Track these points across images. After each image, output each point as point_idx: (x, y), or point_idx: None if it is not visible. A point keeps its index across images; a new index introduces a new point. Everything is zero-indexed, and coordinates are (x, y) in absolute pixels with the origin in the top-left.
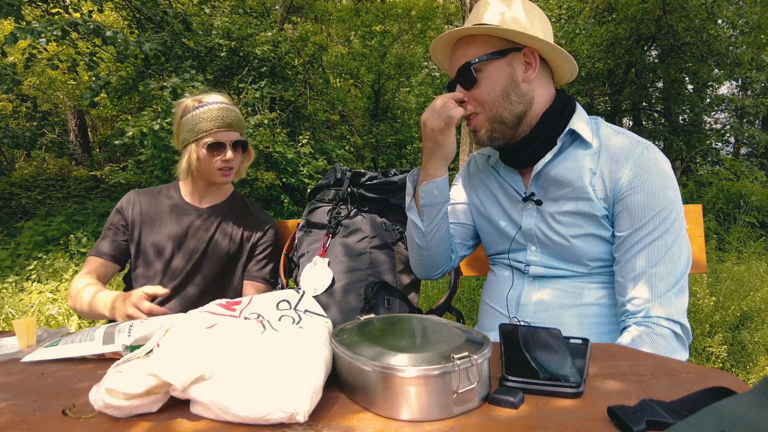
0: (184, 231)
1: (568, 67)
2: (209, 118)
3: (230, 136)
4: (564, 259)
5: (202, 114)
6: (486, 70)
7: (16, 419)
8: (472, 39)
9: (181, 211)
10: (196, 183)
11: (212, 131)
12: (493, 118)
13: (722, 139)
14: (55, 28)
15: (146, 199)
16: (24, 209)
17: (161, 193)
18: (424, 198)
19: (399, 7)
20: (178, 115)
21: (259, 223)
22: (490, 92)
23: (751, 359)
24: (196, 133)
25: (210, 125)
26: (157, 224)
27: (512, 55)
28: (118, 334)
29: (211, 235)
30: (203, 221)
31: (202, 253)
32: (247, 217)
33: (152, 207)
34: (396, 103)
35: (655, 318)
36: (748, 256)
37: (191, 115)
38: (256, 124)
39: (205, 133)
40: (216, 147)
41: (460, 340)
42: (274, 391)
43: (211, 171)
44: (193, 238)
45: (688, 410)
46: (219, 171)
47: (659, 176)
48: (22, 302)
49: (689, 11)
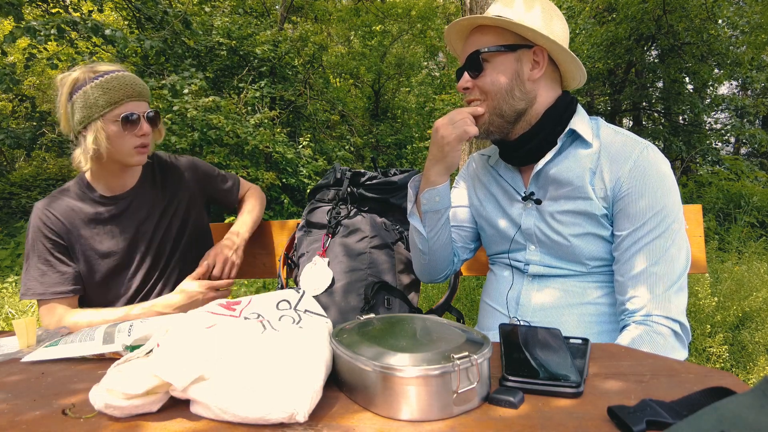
0: (120, 228)
1: (577, 72)
2: (116, 87)
3: (142, 107)
4: (563, 258)
5: (104, 84)
6: (494, 61)
7: (16, 419)
8: (486, 29)
9: (103, 208)
10: (105, 169)
11: (123, 102)
12: (493, 110)
13: (722, 139)
14: (52, 27)
15: (60, 210)
16: (24, 209)
17: (68, 196)
18: (426, 205)
19: (399, 7)
20: (65, 92)
21: (182, 171)
22: (494, 83)
23: (751, 359)
24: (100, 107)
25: (119, 95)
26: (88, 235)
27: (522, 51)
28: (118, 334)
29: (149, 217)
30: (134, 208)
31: (151, 238)
32: (168, 174)
33: (69, 216)
34: (396, 103)
35: (654, 317)
36: (748, 257)
37: (88, 88)
38: (256, 124)
39: (113, 105)
40: (130, 120)
41: (460, 340)
42: (274, 391)
43: (124, 150)
44: (134, 230)
45: (688, 410)
46: (135, 149)
47: (659, 176)
48: (22, 302)
49: (689, 11)
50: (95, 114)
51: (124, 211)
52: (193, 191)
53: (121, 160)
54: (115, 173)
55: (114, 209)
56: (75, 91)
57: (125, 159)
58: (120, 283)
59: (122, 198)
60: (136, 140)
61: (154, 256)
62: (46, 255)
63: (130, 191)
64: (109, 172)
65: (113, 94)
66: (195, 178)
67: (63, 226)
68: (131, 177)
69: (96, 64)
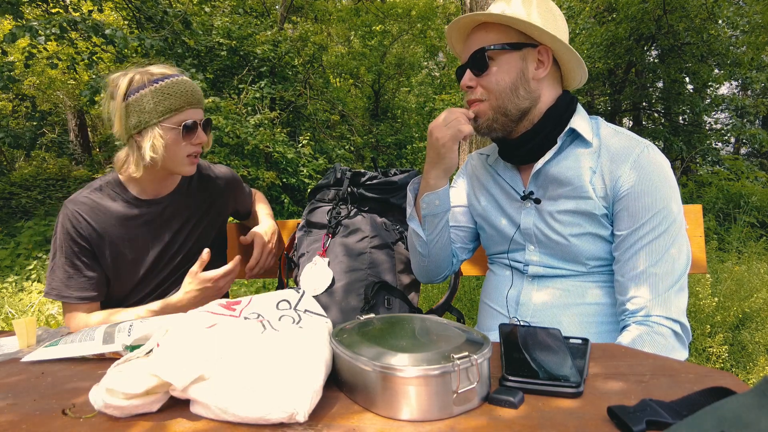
0: (153, 234)
1: (579, 72)
2: (176, 93)
3: (200, 114)
4: (563, 258)
5: (165, 90)
6: (499, 60)
7: (16, 419)
8: (490, 27)
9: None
10: (152, 175)
11: (183, 109)
12: (497, 108)
13: (722, 139)
14: (53, 26)
15: (91, 212)
16: (24, 209)
17: (100, 196)
18: (426, 209)
19: (399, 7)
20: (120, 93)
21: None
22: (499, 82)
23: (751, 359)
24: (159, 113)
25: (179, 102)
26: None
27: (527, 50)
28: (118, 334)
29: (182, 226)
30: (168, 215)
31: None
32: (206, 185)
33: (101, 218)
34: (396, 103)
35: (655, 317)
36: (748, 257)
37: (147, 92)
38: (256, 124)
39: (174, 112)
40: (189, 128)
41: (460, 340)
42: (274, 391)
43: (178, 158)
44: (166, 237)
45: (688, 410)
46: (188, 158)
47: (659, 176)
48: (22, 302)
49: (690, 11)
50: (153, 119)
51: (158, 217)
52: (227, 204)
53: (173, 168)
54: (158, 179)
55: (147, 213)
56: (131, 93)
57: (178, 167)
58: (143, 285)
59: (156, 203)
60: (191, 148)
61: (179, 262)
62: (73, 258)
63: (166, 197)
64: (153, 178)
65: (174, 100)
66: (230, 193)
67: (93, 231)
68: (171, 183)
69: (151, 67)
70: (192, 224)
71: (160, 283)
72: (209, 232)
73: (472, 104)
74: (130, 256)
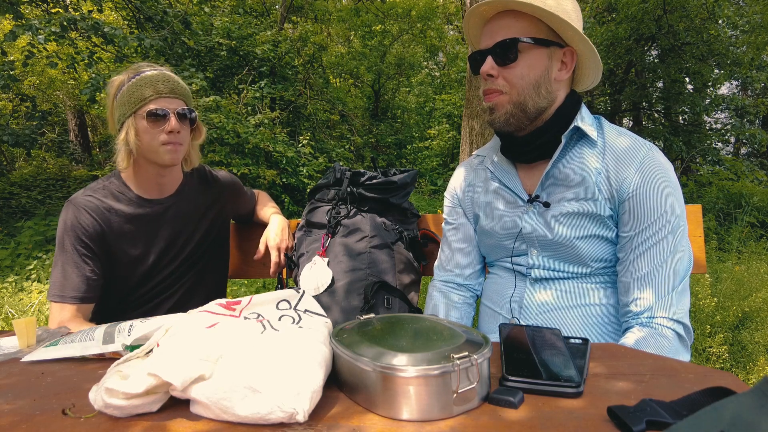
0: (154, 234)
1: (593, 77)
2: (146, 84)
3: (173, 104)
4: (566, 260)
5: (138, 82)
6: (528, 53)
7: (16, 419)
8: (521, 15)
9: (140, 209)
10: (142, 169)
11: (152, 98)
12: (517, 104)
13: (723, 139)
14: (53, 25)
15: (96, 211)
16: (24, 209)
17: (103, 195)
18: None
19: (399, 7)
20: (112, 94)
21: (221, 190)
22: (524, 77)
23: (751, 359)
24: (132, 104)
25: (149, 91)
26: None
27: (553, 49)
28: (118, 333)
29: (183, 227)
30: (170, 216)
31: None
32: (208, 189)
33: (105, 217)
34: (396, 103)
35: (659, 319)
36: (748, 257)
37: (126, 87)
38: (256, 124)
39: (143, 101)
40: (157, 116)
41: (460, 340)
42: (274, 391)
43: (153, 147)
44: (167, 238)
45: (688, 410)
46: (163, 146)
47: (664, 178)
48: (22, 302)
49: (690, 11)
50: (128, 111)
51: (160, 217)
52: (227, 209)
53: (152, 158)
54: (151, 176)
55: (150, 213)
56: (118, 93)
57: (155, 156)
58: (142, 285)
59: (159, 203)
60: (164, 136)
61: (179, 263)
62: (75, 256)
63: (168, 198)
64: (146, 174)
65: (144, 90)
66: (232, 198)
67: (97, 230)
68: (170, 183)
69: (140, 65)
70: (193, 226)
71: (160, 282)
72: (210, 234)
73: (491, 94)
74: (131, 255)
